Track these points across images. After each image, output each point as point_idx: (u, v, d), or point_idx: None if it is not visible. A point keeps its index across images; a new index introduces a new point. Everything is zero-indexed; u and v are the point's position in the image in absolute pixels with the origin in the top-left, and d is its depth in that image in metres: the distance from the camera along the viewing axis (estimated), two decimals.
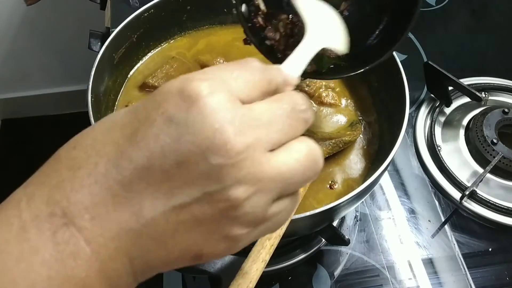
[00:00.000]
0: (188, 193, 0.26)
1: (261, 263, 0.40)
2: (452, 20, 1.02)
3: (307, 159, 0.29)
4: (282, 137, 0.28)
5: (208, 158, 0.25)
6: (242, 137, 0.26)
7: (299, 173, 0.28)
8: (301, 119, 0.30)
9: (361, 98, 0.68)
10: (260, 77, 0.29)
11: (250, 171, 0.26)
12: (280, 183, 0.28)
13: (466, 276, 0.65)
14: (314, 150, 0.30)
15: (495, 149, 0.73)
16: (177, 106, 0.26)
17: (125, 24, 0.63)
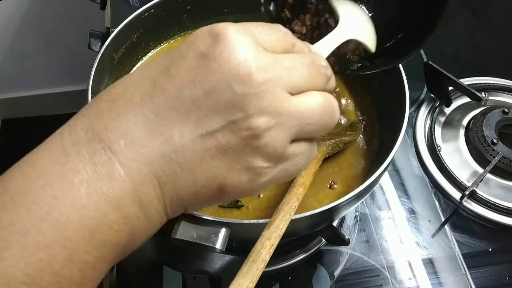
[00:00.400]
0: (214, 121, 0.28)
1: (261, 263, 0.40)
2: (452, 20, 1.02)
3: (324, 105, 0.31)
4: (302, 83, 0.30)
5: (233, 87, 0.28)
6: (264, 72, 0.28)
7: (317, 116, 0.31)
8: (321, 73, 0.32)
9: (361, 98, 0.68)
10: (284, 37, 0.31)
11: (271, 103, 0.28)
12: (298, 121, 0.30)
13: (466, 276, 0.65)
14: (331, 100, 0.32)
15: (495, 149, 0.73)
16: (206, 42, 0.29)
17: (125, 24, 0.63)
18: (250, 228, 0.46)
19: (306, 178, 0.52)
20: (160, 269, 0.61)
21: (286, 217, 0.45)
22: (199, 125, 0.28)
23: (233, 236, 0.45)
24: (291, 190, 0.49)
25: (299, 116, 0.30)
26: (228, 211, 0.55)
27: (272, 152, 0.29)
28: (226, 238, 0.44)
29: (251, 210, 0.55)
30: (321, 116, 0.31)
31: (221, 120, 0.28)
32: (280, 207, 0.46)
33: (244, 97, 0.28)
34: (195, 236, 0.44)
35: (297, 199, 0.48)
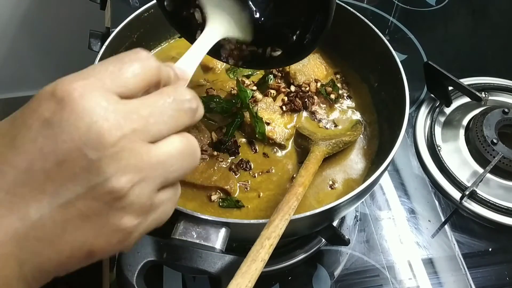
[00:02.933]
0: (71, 190, 0.27)
1: (260, 262, 0.40)
2: (452, 20, 1.02)
3: (186, 147, 0.30)
4: (163, 129, 0.29)
5: (86, 153, 0.26)
6: (118, 130, 0.27)
7: (179, 161, 0.30)
8: (184, 110, 0.31)
9: (361, 98, 0.68)
10: (143, 71, 0.30)
11: (131, 162, 0.27)
12: (161, 171, 0.29)
13: (466, 276, 0.65)
14: (191, 142, 0.31)
15: (495, 149, 0.73)
16: (51, 109, 0.27)
17: (125, 24, 0.63)
18: (250, 228, 0.46)
19: (306, 178, 0.52)
20: (160, 269, 0.61)
21: (286, 216, 0.45)
22: (56, 197, 0.27)
23: (233, 236, 0.45)
24: (291, 190, 0.49)
25: (162, 166, 0.29)
26: (228, 211, 0.55)
27: (139, 208, 0.28)
28: (226, 238, 0.44)
29: (251, 210, 0.55)
30: (183, 160, 0.30)
31: (79, 188, 0.27)
32: (279, 207, 0.46)
33: (99, 161, 0.26)
34: (195, 236, 0.44)
35: (297, 199, 0.48)
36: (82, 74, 0.28)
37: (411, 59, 0.90)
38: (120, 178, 0.27)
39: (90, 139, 0.26)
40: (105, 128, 0.27)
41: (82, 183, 0.27)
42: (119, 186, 0.27)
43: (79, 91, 0.27)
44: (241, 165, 0.58)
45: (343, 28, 0.70)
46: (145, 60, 0.30)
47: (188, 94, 0.31)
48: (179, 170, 0.30)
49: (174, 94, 0.30)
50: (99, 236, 0.28)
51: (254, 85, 0.66)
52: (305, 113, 0.65)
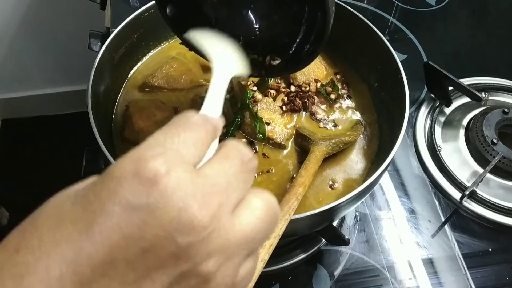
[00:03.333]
0: (156, 279, 0.25)
1: (260, 262, 0.40)
2: (452, 20, 1.02)
3: (267, 214, 0.28)
4: (240, 194, 0.27)
5: (176, 239, 0.24)
6: (207, 209, 0.25)
7: (262, 231, 0.28)
8: (250, 169, 0.28)
9: (361, 98, 0.68)
10: (204, 132, 0.28)
11: (219, 242, 0.25)
12: (246, 245, 0.27)
13: (466, 276, 0.65)
14: (272, 203, 0.29)
15: (495, 149, 0.73)
16: (136, 191, 0.24)
17: (125, 24, 0.63)
18: None
19: (306, 178, 0.52)
20: None
21: (286, 216, 0.45)
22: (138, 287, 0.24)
23: None
24: (291, 190, 0.49)
25: (246, 240, 0.27)
26: None
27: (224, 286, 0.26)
28: None
29: None
30: (266, 228, 0.28)
31: (165, 277, 0.25)
32: (279, 207, 0.46)
33: (190, 247, 0.24)
34: None
35: (297, 199, 0.48)
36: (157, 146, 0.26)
37: (411, 59, 0.90)
38: (209, 261, 0.25)
39: (181, 223, 0.24)
40: (196, 210, 0.24)
41: (169, 271, 0.25)
42: (207, 271, 0.25)
43: (165, 169, 0.24)
44: None
45: (343, 28, 0.69)
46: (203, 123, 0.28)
47: (249, 152, 0.29)
48: (263, 238, 0.28)
49: (240, 156, 0.28)
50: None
51: (254, 85, 0.66)
52: (305, 113, 0.65)
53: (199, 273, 0.25)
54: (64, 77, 1.66)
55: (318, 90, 0.66)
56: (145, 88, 0.66)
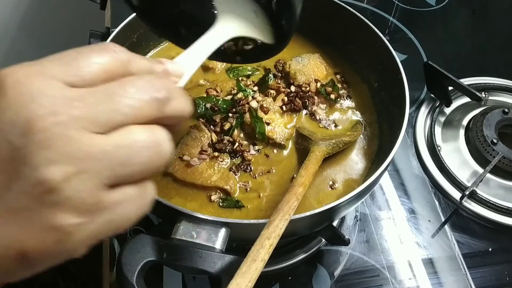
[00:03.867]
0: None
1: (260, 262, 0.40)
2: (452, 20, 1.02)
3: (146, 139, 0.27)
4: (116, 117, 0.26)
5: (12, 140, 0.24)
6: (52, 116, 0.24)
7: (136, 155, 0.27)
8: (147, 99, 0.27)
9: (361, 98, 0.68)
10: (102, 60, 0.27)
11: (65, 150, 0.24)
12: (108, 163, 0.26)
13: (466, 276, 0.65)
14: (156, 135, 0.28)
15: (495, 149, 0.73)
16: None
17: (125, 24, 0.63)
18: (250, 228, 0.46)
19: (306, 178, 0.52)
20: (160, 269, 0.61)
21: (286, 216, 0.45)
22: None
23: (233, 236, 0.45)
24: (291, 190, 0.49)
25: (109, 158, 0.25)
26: (228, 211, 0.55)
27: (80, 205, 0.25)
28: (226, 238, 0.44)
29: (251, 210, 0.55)
30: (141, 155, 0.27)
31: (5, 179, 0.24)
32: (279, 206, 0.46)
33: (25, 149, 0.24)
34: (195, 236, 0.44)
35: (297, 199, 0.48)
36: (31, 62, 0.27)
37: (411, 59, 0.90)
38: (51, 168, 0.24)
39: (17, 125, 0.24)
40: (36, 113, 0.24)
41: (8, 173, 0.24)
42: (47, 177, 0.24)
43: (17, 76, 0.25)
44: (242, 167, 0.58)
45: (343, 28, 0.70)
46: (108, 50, 0.28)
47: (156, 83, 0.28)
48: (138, 165, 0.27)
49: (137, 81, 0.28)
50: (30, 234, 0.25)
51: (254, 85, 0.66)
52: (305, 113, 0.65)
53: (39, 179, 0.24)
54: None
55: (318, 90, 0.66)
56: None
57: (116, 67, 0.28)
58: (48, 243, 0.25)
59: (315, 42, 0.74)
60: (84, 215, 0.26)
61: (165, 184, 0.56)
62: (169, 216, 0.46)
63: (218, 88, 0.65)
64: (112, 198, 0.26)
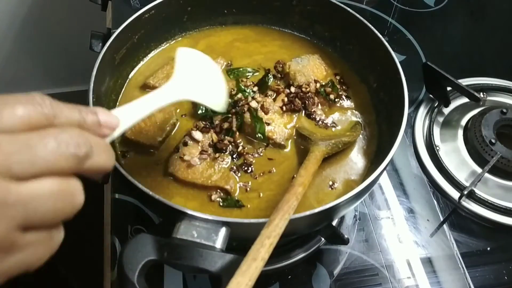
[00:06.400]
0: None
1: (260, 261, 0.40)
2: (450, 21, 1.03)
3: (59, 191, 0.29)
4: (31, 169, 0.28)
5: None
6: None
7: (48, 203, 0.29)
8: (66, 154, 0.29)
9: (361, 98, 0.68)
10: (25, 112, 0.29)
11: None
12: (22, 210, 0.28)
13: (464, 275, 0.65)
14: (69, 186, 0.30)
15: (493, 149, 0.73)
16: None
17: (126, 25, 0.63)
18: (250, 227, 0.46)
19: (306, 178, 0.52)
20: (161, 268, 0.62)
21: (286, 216, 0.45)
22: None
23: (233, 235, 0.45)
24: (291, 189, 0.49)
25: (23, 205, 0.28)
26: (229, 211, 0.55)
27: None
28: (226, 237, 0.45)
29: (251, 209, 0.56)
30: (54, 204, 0.29)
31: None
32: (279, 206, 0.46)
33: None
34: (196, 235, 0.44)
35: (296, 198, 0.48)
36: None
37: (410, 59, 0.90)
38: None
39: None
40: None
41: None
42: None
43: None
44: (243, 167, 0.59)
45: (342, 29, 0.70)
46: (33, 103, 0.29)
47: (77, 138, 0.30)
48: (49, 213, 0.29)
49: (58, 135, 0.29)
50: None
51: (254, 85, 0.66)
52: (305, 113, 0.65)
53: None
54: (65, 78, 1.66)
55: (317, 91, 0.66)
56: (145, 89, 0.66)
57: (39, 120, 0.29)
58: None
59: (315, 43, 0.74)
60: None
61: (166, 184, 0.57)
62: (170, 216, 0.46)
63: None
64: (24, 240, 0.29)
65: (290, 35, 0.75)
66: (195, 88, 0.48)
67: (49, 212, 0.29)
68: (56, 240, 0.31)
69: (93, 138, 0.32)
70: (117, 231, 0.65)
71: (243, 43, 0.73)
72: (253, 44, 0.73)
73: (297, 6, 0.73)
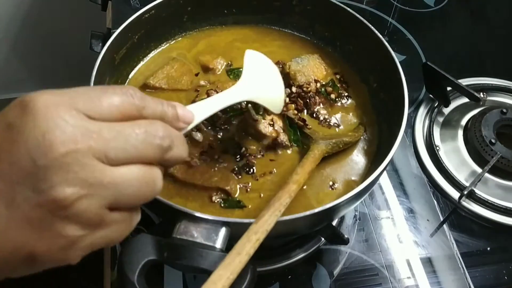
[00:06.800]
0: (18, 191, 0.28)
1: (245, 256, 0.40)
2: (450, 21, 1.03)
3: (144, 177, 0.32)
4: (122, 154, 0.31)
5: (35, 158, 0.28)
6: (72, 143, 0.29)
7: (135, 188, 0.32)
8: (153, 144, 0.32)
9: (361, 98, 0.68)
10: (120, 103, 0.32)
11: (80, 175, 0.29)
12: (113, 192, 0.30)
13: (464, 275, 0.65)
14: (153, 174, 0.33)
15: (493, 149, 0.73)
16: (15, 113, 0.29)
17: (126, 25, 0.63)
18: None
19: (301, 176, 0.52)
20: (161, 268, 0.62)
21: (276, 212, 0.45)
22: (4, 195, 0.29)
23: (233, 235, 0.45)
24: (285, 187, 0.49)
25: (115, 187, 0.30)
26: (230, 211, 0.55)
27: (86, 221, 0.30)
28: (226, 237, 0.45)
29: (252, 209, 0.56)
30: (139, 188, 0.32)
31: (26, 191, 0.28)
32: (271, 202, 0.46)
33: (46, 169, 0.28)
34: (196, 235, 0.44)
35: (289, 196, 0.48)
36: (59, 91, 0.31)
37: (410, 59, 0.90)
38: (66, 188, 0.28)
39: (41, 145, 0.28)
40: (59, 138, 0.28)
41: (28, 187, 0.28)
42: (62, 196, 0.28)
43: (45, 103, 0.29)
44: (245, 169, 0.59)
45: (342, 29, 0.70)
46: (127, 95, 0.32)
47: (163, 132, 0.33)
48: (134, 196, 0.32)
49: (147, 127, 0.32)
50: (41, 240, 0.29)
51: None
52: (307, 112, 0.65)
53: (55, 197, 0.28)
54: (65, 78, 1.65)
55: (318, 90, 0.66)
56: (146, 89, 0.66)
57: (131, 110, 0.32)
58: (54, 249, 0.30)
59: (315, 43, 0.74)
60: (87, 229, 0.30)
61: (166, 185, 0.57)
62: (170, 216, 0.46)
63: (219, 90, 0.65)
64: (113, 218, 0.32)
65: (290, 35, 0.75)
66: (260, 90, 0.53)
67: (134, 195, 0.32)
68: (135, 220, 0.34)
69: (174, 131, 0.35)
70: None
71: (243, 43, 0.73)
72: (253, 44, 0.73)
73: (297, 6, 0.73)
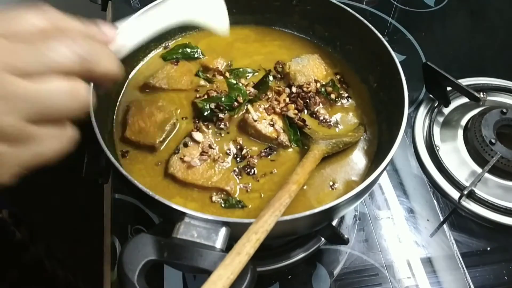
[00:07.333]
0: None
1: (245, 256, 0.40)
2: (450, 21, 1.03)
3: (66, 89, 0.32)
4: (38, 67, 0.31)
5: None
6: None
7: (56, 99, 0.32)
8: (70, 55, 0.32)
9: (361, 98, 0.68)
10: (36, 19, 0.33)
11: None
12: (31, 104, 0.31)
13: (464, 275, 0.65)
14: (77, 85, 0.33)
15: (493, 149, 0.73)
16: None
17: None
18: None
19: (301, 176, 0.52)
20: (161, 268, 0.62)
21: (276, 212, 0.45)
22: None
23: (233, 235, 0.45)
24: (285, 186, 0.49)
25: (32, 100, 0.31)
26: (230, 211, 0.55)
27: (5, 136, 0.30)
28: (226, 237, 0.45)
29: (252, 209, 0.56)
30: (62, 100, 0.32)
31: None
32: (271, 202, 0.46)
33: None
34: (196, 235, 0.44)
35: (289, 195, 0.48)
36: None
37: (410, 59, 0.91)
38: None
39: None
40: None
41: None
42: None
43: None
44: (246, 170, 0.59)
45: (342, 29, 0.70)
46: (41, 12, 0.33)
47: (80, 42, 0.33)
48: (57, 108, 0.32)
49: (64, 39, 0.32)
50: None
51: (254, 85, 0.66)
52: (307, 112, 0.65)
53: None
54: None
55: (318, 90, 0.66)
56: (146, 89, 0.66)
57: (46, 25, 0.33)
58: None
59: (315, 43, 0.74)
60: (11, 145, 0.31)
61: (166, 184, 0.57)
62: (170, 216, 0.46)
63: (219, 90, 0.65)
64: (37, 132, 0.32)
65: (290, 35, 0.75)
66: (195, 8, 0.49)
67: (57, 107, 0.32)
68: (67, 135, 0.34)
69: (95, 44, 0.35)
70: (117, 231, 0.65)
71: (243, 43, 0.73)
72: (253, 44, 0.73)
73: (297, 6, 0.73)
